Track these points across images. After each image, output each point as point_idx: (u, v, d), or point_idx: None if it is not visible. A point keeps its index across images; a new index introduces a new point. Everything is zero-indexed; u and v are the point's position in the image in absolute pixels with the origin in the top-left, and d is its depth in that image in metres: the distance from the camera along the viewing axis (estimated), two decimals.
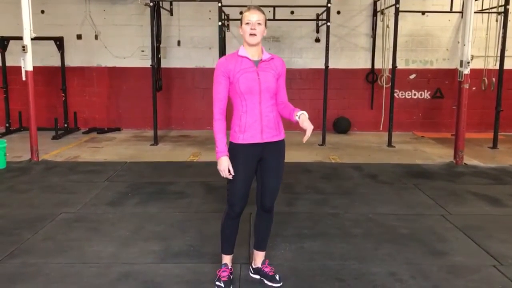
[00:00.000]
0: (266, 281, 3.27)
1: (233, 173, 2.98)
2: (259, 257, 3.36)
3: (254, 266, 3.38)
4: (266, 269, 3.30)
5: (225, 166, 2.96)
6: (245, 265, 3.54)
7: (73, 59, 9.68)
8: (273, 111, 3.07)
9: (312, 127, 2.92)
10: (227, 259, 3.28)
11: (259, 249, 3.36)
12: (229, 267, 3.26)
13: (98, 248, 3.85)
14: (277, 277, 3.26)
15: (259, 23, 2.96)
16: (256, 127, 3.00)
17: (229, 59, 3.02)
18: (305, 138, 2.92)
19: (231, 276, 3.23)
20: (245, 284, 3.28)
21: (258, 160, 3.08)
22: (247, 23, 2.95)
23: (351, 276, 3.37)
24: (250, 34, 2.95)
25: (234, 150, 3.01)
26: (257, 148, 3.03)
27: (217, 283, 3.17)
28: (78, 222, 4.43)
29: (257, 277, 3.34)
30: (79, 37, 9.66)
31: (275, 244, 3.93)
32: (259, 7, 3.01)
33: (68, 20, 9.55)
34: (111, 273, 3.40)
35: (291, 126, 3.27)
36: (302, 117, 2.95)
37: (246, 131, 3.00)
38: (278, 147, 3.12)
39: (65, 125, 9.52)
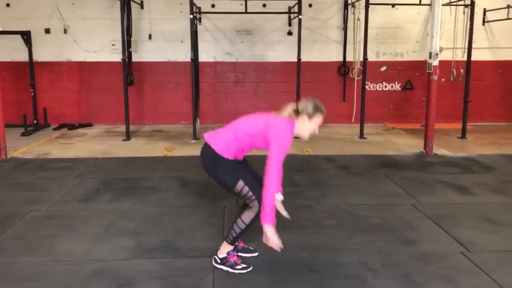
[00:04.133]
0: (242, 254, 3.53)
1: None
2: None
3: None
4: (241, 244, 3.60)
5: (274, 239, 3.16)
6: None
7: (42, 54, 9.46)
8: None
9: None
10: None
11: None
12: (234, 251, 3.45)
13: (69, 245, 3.80)
14: (252, 248, 3.61)
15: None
16: None
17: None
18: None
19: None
20: (220, 276, 3.29)
21: None
22: (318, 125, 3.21)
23: (324, 267, 3.41)
24: (313, 134, 3.25)
25: (230, 160, 3.23)
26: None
27: (239, 267, 3.34)
28: (49, 220, 4.36)
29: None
30: (47, 31, 9.44)
31: (250, 237, 3.93)
32: None
33: (35, 13, 9.32)
34: (83, 270, 3.36)
35: None
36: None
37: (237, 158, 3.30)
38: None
39: (35, 122, 9.31)
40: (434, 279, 3.26)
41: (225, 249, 3.38)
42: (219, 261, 3.38)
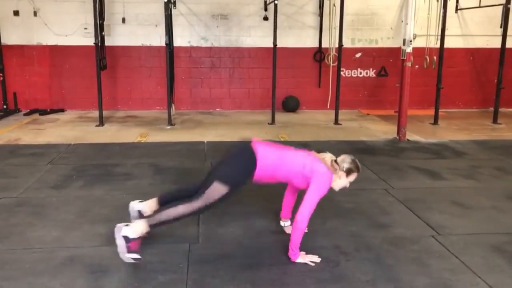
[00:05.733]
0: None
1: None
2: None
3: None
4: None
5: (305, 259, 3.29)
6: (194, 244, 3.55)
7: (11, 37, 9.19)
8: None
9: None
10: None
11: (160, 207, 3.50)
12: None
13: (41, 232, 3.74)
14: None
15: None
16: None
17: None
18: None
19: None
20: (195, 262, 3.29)
21: None
22: (351, 182, 3.38)
23: None
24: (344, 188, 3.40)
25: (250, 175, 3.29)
26: None
27: (128, 255, 3.15)
28: (20, 207, 4.27)
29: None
30: (16, 13, 9.14)
31: (225, 222, 3.95)
32: None
33: None
34: (55, 258, 3.32)
35: (241, 105, 3.33)
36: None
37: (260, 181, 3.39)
38: None
39: (4, 107, 9.09)
40: (406, 262, 3.33)
41: (140, 229, 3.15)
42: (122, 235, 3.12)
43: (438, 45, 8.62)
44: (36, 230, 3.78)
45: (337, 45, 8.48)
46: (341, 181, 3.36)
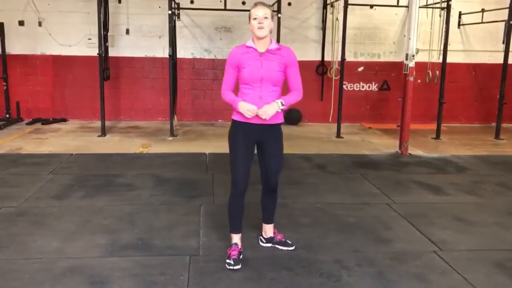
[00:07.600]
0: (280, 247, 3.67)
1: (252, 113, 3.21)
2: (269, 229, 3.74)
3: (266, 236, 3.75)
4: (278, 237, 3.74)
5: (245, 108, 3.21)
6: (194, 256, 3.53)
7: (15, 47, 9.24)
8: (273, 97, 3.31)
9: (265, 110, 3.23)
10: (236, 238, 3.52)
11: (269, 222, 3.72)
12: (239, 246, 3.49)
13: (41, 243, 3.73)
14: (289, 242, 3.72)
15: (265, 17, 3.25)
16: None
17: (239, 50, 3.32)
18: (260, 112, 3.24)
19: (241, 255, 3.45)
20: (195, 274, 3.27)
21: (256, 141, 3.40)
22: (255, 18, 3.25)
23: (299, 265, 3.43)
24: (258, 28, 3.24)
25: (234, 127, 3.35)
26: (255, 129, 3.32)
27: (228, 260, 3.37)
28: (21, 217, 4.26)
29: (269, 245, 3.72)
30: (21, 23, 9.22)
31: (225, 235, 3.93)
32: (264, 3, 3.31)
33: (8, 5, 9.09)
34: (55, 268, 3.30)
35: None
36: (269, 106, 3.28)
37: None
38: (274, 130, 3.40)
39: (7, 116, 9.10)
40: (408, 277, 3.31)
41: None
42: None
43: (440, 60, 8.65)
44: (37, 240, 3.77)
45: (339, 59, 8.51)
46: (253, 29, 3.30)
